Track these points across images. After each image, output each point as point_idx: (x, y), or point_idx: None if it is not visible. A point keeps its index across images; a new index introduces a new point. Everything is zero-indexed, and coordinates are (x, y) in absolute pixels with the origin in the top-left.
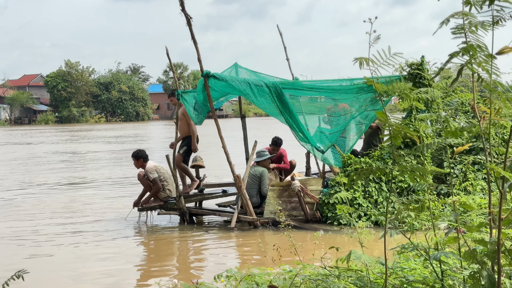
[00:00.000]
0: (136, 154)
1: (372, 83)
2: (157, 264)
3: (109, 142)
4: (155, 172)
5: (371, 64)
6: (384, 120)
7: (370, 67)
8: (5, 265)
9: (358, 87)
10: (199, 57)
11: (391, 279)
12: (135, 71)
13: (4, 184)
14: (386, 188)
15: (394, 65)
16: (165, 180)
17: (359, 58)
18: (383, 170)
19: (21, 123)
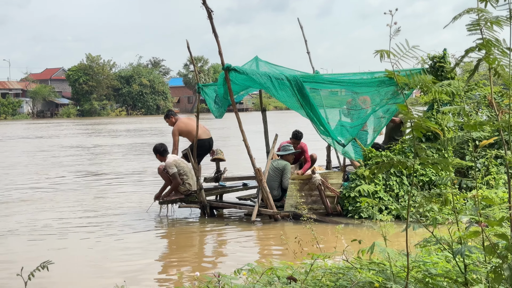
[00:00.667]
0: (154, 148)
1: (393, 76)
2: (178, 256)
3: (130, 135)
4: (174, 167)
5: (392, 57)
6: (405, 113)
7: (390, 60)
8: (29, 257)
9: (379, 80)
10: (220, 51)
11: (413, 272)
12: (156, 64)
13: (27, 176)
14: (407, 181)
15: (417, 57)
16: (185, 174)
17: (379, 51)
18: (404, 163)
19: (43, 117)
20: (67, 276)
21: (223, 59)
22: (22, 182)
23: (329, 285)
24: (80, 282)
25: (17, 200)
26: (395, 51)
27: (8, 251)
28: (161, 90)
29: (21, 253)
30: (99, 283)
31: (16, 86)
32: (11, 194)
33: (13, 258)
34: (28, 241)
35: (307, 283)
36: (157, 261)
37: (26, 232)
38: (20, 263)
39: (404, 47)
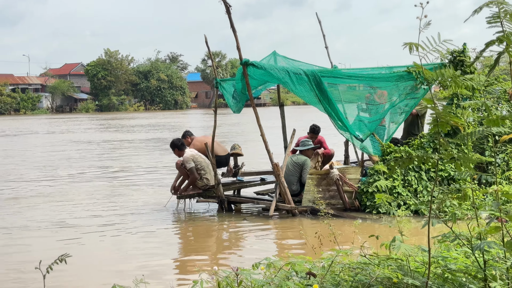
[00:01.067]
0: (172, 143)
1: (414, 71)
2: (196, 251)
3: (147, 130)
4: (191, 162)
5: (421, 50)
6: (431, 107)
7: (419, 53)
8: (46, 251)
9: (398, 75)
10: (238, 46)
11: (432, 268)
12: (174, 59)
13: (43, 171)
14: (425, 177)
15: (442, 51)
16: (202, 169)
17: (409, 43)
18: (428, 159)
19: (62, 111)
20: (85, 270)
21: (241, 54)
22: (38, 177)
23: (348, 280)
24: (98, 277)
25: (34, 195)
26: (424, 44)
27: (25, 246)
28: (179, 85)
29: (37, 247)
30: (117, 277)
31: (36, 81)
32: (26, 189)
33: (29, 252)
34: (44, 236)
35: (326, 278)
36: (175, 255)
37: (42, 227)
38: (37, 257)
39: (434, 41)
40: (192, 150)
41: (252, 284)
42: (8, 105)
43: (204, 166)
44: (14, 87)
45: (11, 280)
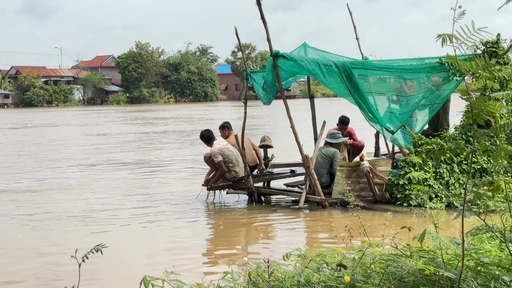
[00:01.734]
0: (201, 135)
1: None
2: (226, 242)
3: (180, 122)
4: (219, 155)
5: (454, 41)
6: (466, 98)
7: (453, 44)
8: (80, 240)
9: (430, 66)
10: (268, 37)
11: (464, 260)
12: (204, 52)
13: (80, 163)
14: (457, 169)
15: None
16: (230, 161)
17: (442, 35)
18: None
19: (94, 103)
20: (117, 261)
21: (271, 46)
22: (70, 169)
23: (379, 272)
24: (129, 268)
25: (65, 186)
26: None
27: (58, 236)
28: (209, 77)
29: (70, 238)
30: (148, 268)
31: (68, 74)
32: (59, 179)
33: (63, 243)
34: (76, 227)
35: (357, 270)
36: (205, 247)
37: (74, 219)
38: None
39: (468, 30)
40: (220, 142)
41: (283, 275)
42: (40, 97)
43: (232, 159)
44: (47, 79)
45: (46, 269)
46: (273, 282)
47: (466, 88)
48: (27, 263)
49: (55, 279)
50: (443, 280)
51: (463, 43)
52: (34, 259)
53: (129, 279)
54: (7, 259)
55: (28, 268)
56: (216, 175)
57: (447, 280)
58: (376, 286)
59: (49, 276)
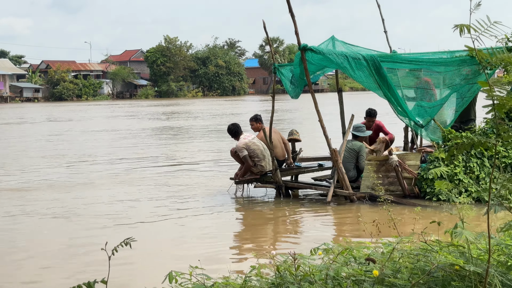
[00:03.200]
0: (228, 129)
1: (473, 53)
2: (254, 236)
3: (211, 116)
4: (244, 150)
5: (472, 32)
6: (485, 90)
7: (471, 35)
8: (109, 233)
9: (460, 60)
10: (296, 30)
11: (495, 256)
12: (232, 45)
13: (106, 157)
14: (488, 163)
15: (497, 36)
16: (256, 156)
17: (459, 25)
18: (486, 142)
19: (123, 97)
20: (146, 254)
21: (299, 39)
22: (103, 159)
23: (408, 266)
24: (156, 261)
25: (93, 180)
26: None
27: (87, 229)
28: (236, 71)
29: (99, 231)
30: (175, 261)
31: (97, 68)
32: (88, 172)
33: (93, 236)
34: (106, 220)
35: (385, 264)
36: (232, 240)
37: (100, 213)
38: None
39: (485, 23)
40: (247, 136)
41: (310, 269)
42: (70, 91)
43: (258, 153)
44: (76, 73)
45: (76, 260)
46: (300, 276)
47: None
48: (56, 257)
49: (85, 272)
50: (472, 275)
51: (481, 34)
52: (64, 252)
53: (157, 272)
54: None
55: (58, 262)
56: (242, 169)
57: (477, 275)
58: (405, 281)
59: (79, 269)
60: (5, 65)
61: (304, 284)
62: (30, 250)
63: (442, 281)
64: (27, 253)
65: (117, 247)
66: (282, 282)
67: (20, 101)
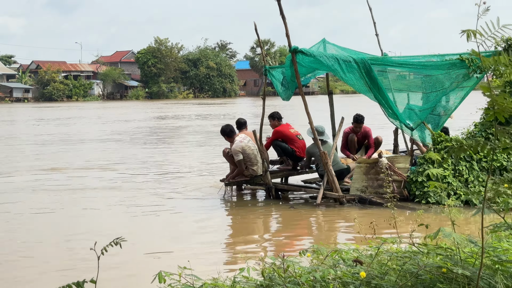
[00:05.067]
0: (221, 130)
1: (467, 59)
2: (243, 238)
3: (198, 118)
4: (240, 154)
5: (478, 37)
6: (489, 95)
7: (476, 40)
8: (99, 231)
9: (450, 63)
10: (287, 32)
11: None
12: (223, 47)
13: (100, 159)
14: (477, 167)
15: (497, 38)
16: (250, 160)
17: (466, 30)
18: (484, 147)
19: (113, 99)
20: (134, 253)
21: (290, 41)
22: (94, 165)
23: (395, 269)
24: (144, 262)
25: (88, 181)
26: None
27: (85, 228)
28: (227, 73)
29: (95, 230)
30: (163, 263)
31: (88, 69)
32: (81, 175)
33: (89, 234)
34: (98, 217)
35: (373, 266)
36: (222, 242)
37: (97, 212)
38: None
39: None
40: (242, 139)
41: (299, 271)
42: (61, 92)
43: (252, 158)
44: (67, 74)
45: (65, 259)
46: (288, 278)
47: (488, 85)
48: (50, 256)
49: (75, 269)
50: (460, 278)
51: (487, 39)
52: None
53: (145, 272)
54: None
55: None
56: (234, 171)
57: (465, 278)
58: (393, 282)
59: (72, 265)
60: None
61: (291, 286)
62: (25, 249)
63: (429, 284)
64: (21, 252)
65: (106, 247)
66: (270, 284)
67: (10, 101)
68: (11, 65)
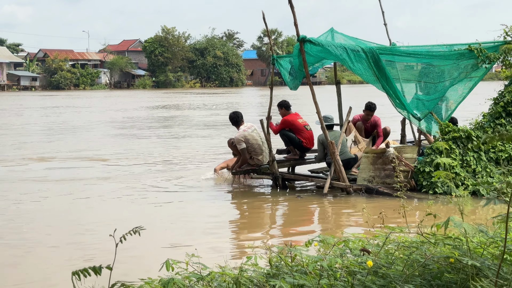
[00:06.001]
0: (229, 117)
1: (476, 49)
2: (250, 227)
3: (206, 108)
4: (242, 143)
5: None
6: None
7: None
8: (107, 221)
9: (459, 53)
10: (295, 22)
11: (490, 248)
12: (230, 37)
13: (115, 144)
14: (485, 157)
15: None
16: (254, 150)
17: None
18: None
19: (120, 87)
20: (142, 242)
21: (298, 30)
22: (105, 153)
23: (402, 258)
24: (153, 249)
25: (94, 175)
26: None
27: (95, 218)
28: (235, 62)
29: (105, 219)
30: (171, 251)
31: (95, 57)
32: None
33: (99, 223)
34: (106, 207)
35: (380, 256)
36: (229, 231)
37: (102, 200)
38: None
39: None
40: (247, 128)
41: (306, 260)
42: (68, 80)
43: (256, 147)
44: (74, 62)
45: (76, 244)
46: (296, 267)
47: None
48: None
49: (91, 257)
50: (468, 268)
51: None
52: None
53: (151, 261)
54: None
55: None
56: (239, 160)
57: (473, 268)
58: (400, 272)
59: (86, 253)
60: (2, 53)
61: (298, 274)
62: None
63: (437, 274)
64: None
65: (125, 235)
66: (277, 272)
67: (18, 90)
68: (18, 53)
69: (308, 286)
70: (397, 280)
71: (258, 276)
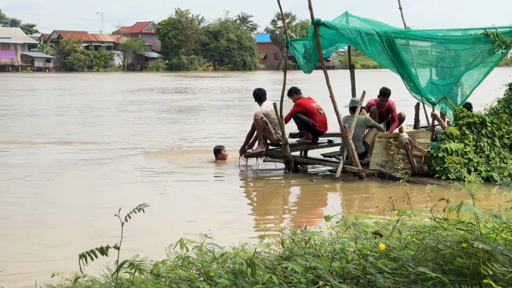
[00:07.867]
0: (253, 94)
1: (492, 33)
2: (263, 209)
3: (221, 92)
4: (260, 120)
5: None
6: None
7: None
8: (122, 200)
9: (475, 38)
10: (310, 5)
11: (503, 234)
12: (244, 20)
13: (119, 134)
14: (499, 143)
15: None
16: (276, 125)
17: None
18: None
19: (133, 70)
20: (155, 223)
21: (312, 14)
22: (116, 138)
23: (415, 242)
24: (166, 230)
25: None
26: None
27: (104, 196)
28: (248, 45)
29: (114, 198)
30: (185, 231)
31: (108, 39)
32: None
33: (108, 203)
34: (120, 189)
35: (392, 240)
36: (241, 213)
37: (114, 182)
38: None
39: None
40: (268, 105)
41: (319, 242)
42: (81, 62)
43: (277, 122)
44: (88, 44)
45: (89, 227)
46: (308, 249)
47: None
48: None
49: (98, 236)
50: (480, 252)
51: None
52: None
53: (165, 240)
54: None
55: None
56: (254, 135)
57: (485, 253)
58: (412, 255)
59: (93, 233)
60: (16, 34)
61: (310, 257)
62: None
63: (449, 258)
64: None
65: (130, 213)
66: (290, 254)
67: (31, 71)
68: (32, 34)
69: (320, 269)
70: (409, 263)
71: (271, 258)
